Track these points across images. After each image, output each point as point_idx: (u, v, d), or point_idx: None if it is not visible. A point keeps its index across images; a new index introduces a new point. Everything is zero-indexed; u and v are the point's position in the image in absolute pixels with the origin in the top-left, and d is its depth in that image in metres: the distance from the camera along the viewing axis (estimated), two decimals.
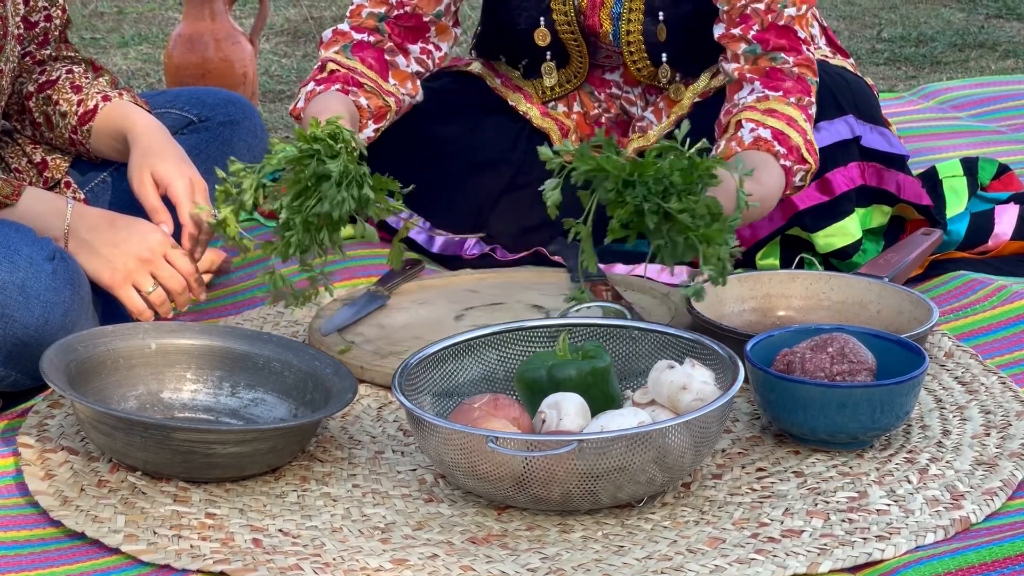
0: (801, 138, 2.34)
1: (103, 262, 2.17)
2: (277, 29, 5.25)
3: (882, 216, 2.60)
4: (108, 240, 2.18)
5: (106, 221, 2.20)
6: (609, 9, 2.57)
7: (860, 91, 2.62)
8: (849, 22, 4.93)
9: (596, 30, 2.60)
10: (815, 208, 2.54)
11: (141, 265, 2.18)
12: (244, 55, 3.71)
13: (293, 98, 4.24)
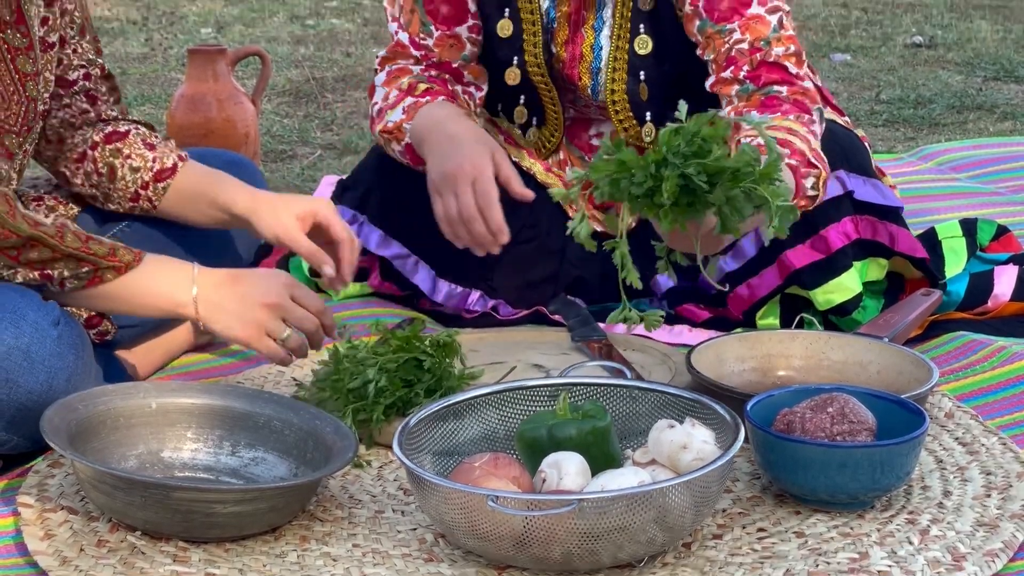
0: (805, 145, 2.30)
1: (234, 319, 2.16)
2: (279, 90, 5.28)
3: (879, 269, 2.60)
4: (233, 295, 2.16)
5: (229, 277, 2.19)
6: (588, 63, 2.58)
7: (849, 144, 2.62)
8: (848, 84, 4.95)
9: (575, 82, 2.61)
10: (812, 266, 2.54)
11: (270, 312, 2.16)
12: (246, 115, 3.73)
13: (295, 158, 4.27)
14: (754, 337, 2.36)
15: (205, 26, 7.43)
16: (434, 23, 2.61)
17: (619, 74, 2.55)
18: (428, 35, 2.62)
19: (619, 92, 2.56)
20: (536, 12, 2.57)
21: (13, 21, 2.20)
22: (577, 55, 2.58)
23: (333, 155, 4.31)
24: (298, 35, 6.87)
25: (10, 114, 2.21)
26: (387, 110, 2.59)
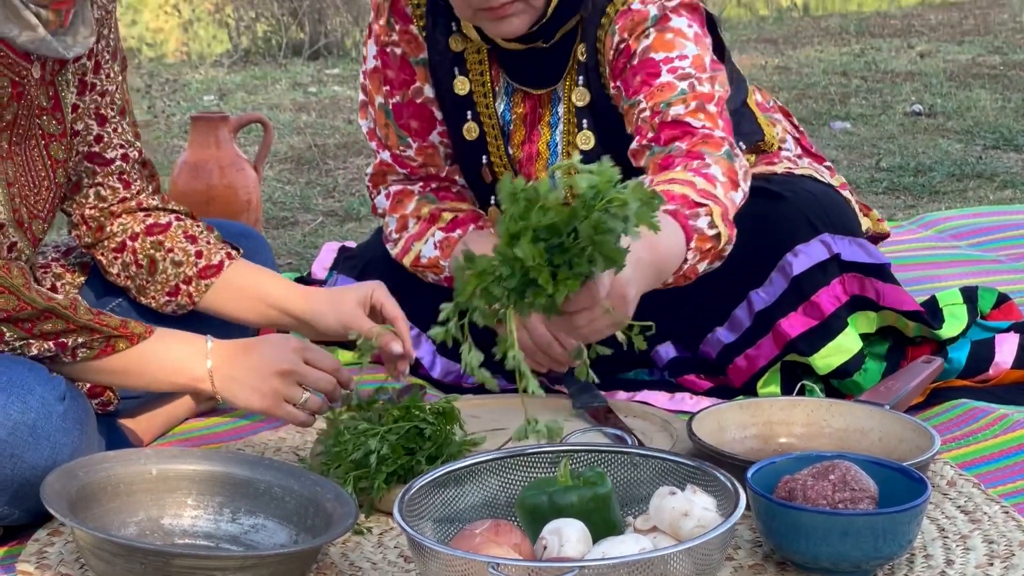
0: (687, 187, 2.19)
1: (250, 391, 2.16)
2: (281, 156, 5.30)
3: (868, 322, 2.59)
4: (247, 367, 2.16)
5: (241, 349, 2.19)
6: (545, 160, 2.59)
7: (830, 203, 2.62)
8: (848, 152, 4.97)
9: (533, 176, 2.61)
10: (807, 332, 2.54)
11: (285, 380, 2.16)
12: (248, 182, 3.74)
13: (297, 224, 4.28)
14: (755, 404, 2.36)
15: (208, 93, 7.47)
16: (409, 136, 2.64)
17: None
18: (407, 147, 2.65)
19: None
20: (494, 116, 2.59)
21: (50, 107, 2.23)
22: (534, 153, 2.59)
23: (335, 222, 4.32)
24: (300, 102, 6.91)
25: (39, 199, 2.24)
26: (413, 242, 2.61)
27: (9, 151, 2.18)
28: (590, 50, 2.47)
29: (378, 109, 2.66)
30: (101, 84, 2.33)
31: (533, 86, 2.55)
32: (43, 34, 2.09)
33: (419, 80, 2.62)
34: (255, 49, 9.86)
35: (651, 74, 2.36)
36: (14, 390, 2.02)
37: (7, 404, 2.01)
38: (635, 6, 2.40)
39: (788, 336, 2.54)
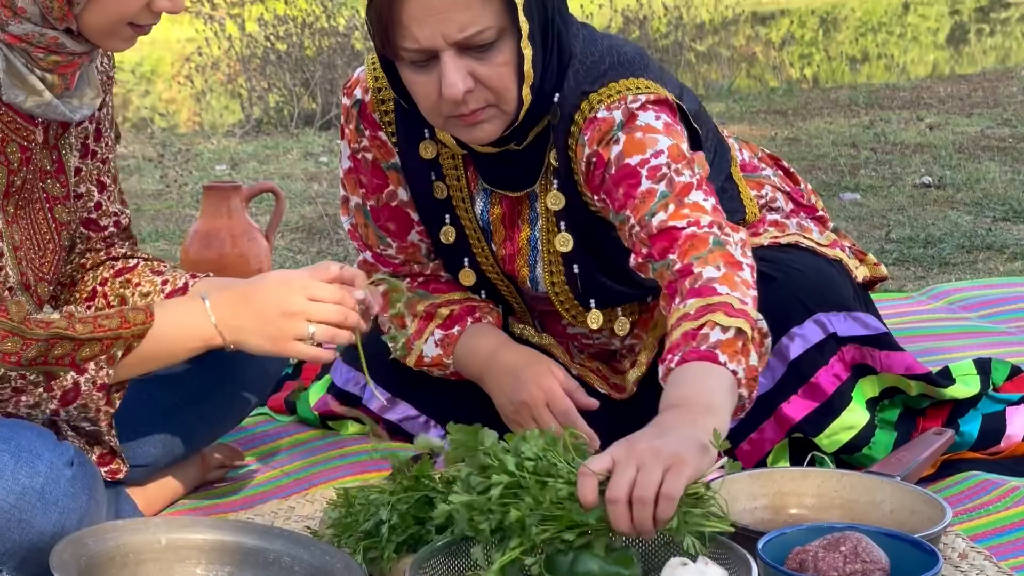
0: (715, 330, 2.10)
1: (259, 337, 2.14)
2: (293, 226, 5.32)
3: (871, 386, 2.58)
4: (251, 314, 2.14)
5: (241, 297, 2.16)
6: (526, 257, 2.58)
7: (821, 279, 2.58)
8: (858, 223, 4.98)
9: (515, 275, 2.61)
10: (811, 415, 2.53)
11: (290, 318, 2.13)
12: (260, 251, 3.76)
13: None
14: (766, 475, 2.35)
15: (220, 163, 7.50)
16: (388, 236, 2.64)
17: (555, 267, 2.55)
18: (387, 246, 2.64)
19: (559, 284, 2.56)
20: (474, 220, 2.57)
21: (54, 171, 2.24)
22: (515, 251, 2.58)
23: None
24: (311, 172, 6.94)
25: (44, 262, 2.24)
26: (414, 341, 2.61)
27: (15, 215, 2.19)
28: (561, 156, 2.43)
29: (355, 209, 2.65)
30: (102, 152, 2.36)
31: (509, 189, 2.53)
32: (49, 98, 2.10)
33: (392, 184, 2.60)
34: (267, 119, 9.92)
35: (631, 184, 2.31)
36: (22, 455, 2.02)
37: (16, 469, 2.01)
38: (601, 114, 2.36)
39: (792, 420, 2.52)
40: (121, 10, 2.04)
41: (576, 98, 2.39)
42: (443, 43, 2.22)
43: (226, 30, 10.76)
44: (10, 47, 2.05)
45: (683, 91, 2.52)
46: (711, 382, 2.03)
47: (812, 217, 2.80)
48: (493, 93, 2.28)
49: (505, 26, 2.25)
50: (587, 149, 2.37)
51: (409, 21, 2.20)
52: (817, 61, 13.94)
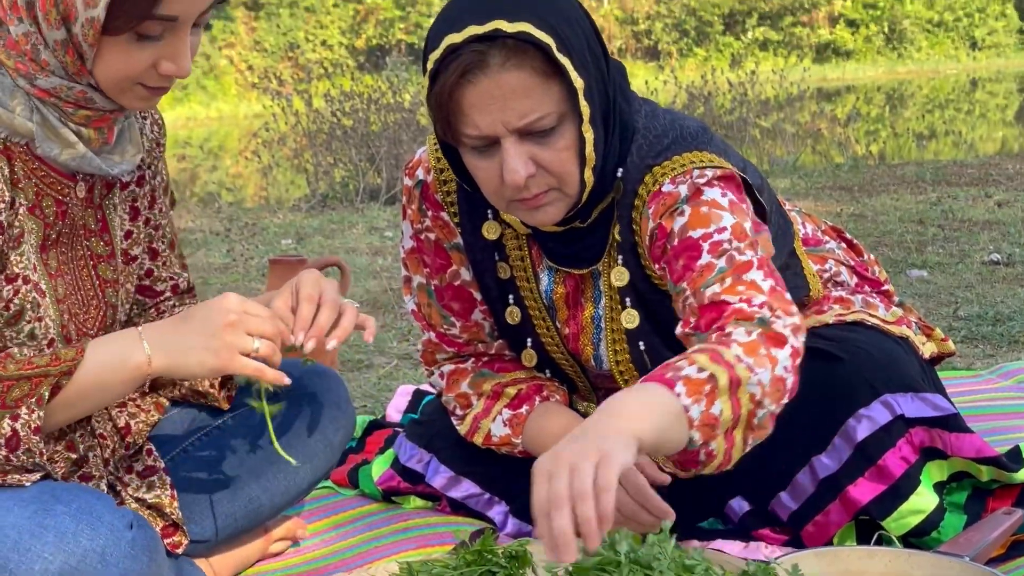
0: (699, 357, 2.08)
1: (201, 352, 2.08)
2: (357, 300, 5.34)
3: (940, 470, 2.55)
4: (191, 332, 2.08)
5: (178, 320, 2.11)
6: (590, 335, 2.56)
7: (888, 359, 2.56)
8: (925, 300, 4.95)
9: (579, 354, 2.60)
10: (878, 497, 2.49)
11: (232, 331, 2.07)
12: None
13: (372, 367, 4.30)
14: (832, 553, 2.32)
15: (285, 237, 7.56)
16: (452, 315, 2.64)
17: (620, 344, 2.54)
18: (451, 326, 2.64)
19: (624, 362, 2.55)
20: (538, 299, 2.57)
21: (98, 230, 2.27)
22: (579, 330, 2.57)
23: (409, 365, 4.33)
24: (376, 246, 6.98)
25: (88, 317, 2.26)
26: (480, 420, 2.60)
27: (59, 269, 2.20)
28: (626, 231, 2.42)
29: (418, 289, 2.65)
30: (155, 218, 2.37)
31: (574, 267, 2.52)
32: (83, 151, 2.11)
33: (455, 264, 2.60)
34: (332, 194, 10.00)
35: (692, 256, 2.29)
36: (83, 517, 2.03)
37: (77, 531, 2.02)
38: (666, 187, 2.35)
39: (859, 503, 2.49)
40: (126, 70, 2.05)
41: (640, 172, 2.39)
42: (504, 130, 2.21)
43: (293, 106, 10.88)
44: (42, 101, 2.08)
45: (747, 165, 2.51)
46: (652, 402, 1.96)
47: (877, 291, 2.78)
48: (555, 177, 2.28)
49: (565, 111, 2.24)
50: (651, 222, 2.36)
51: (470, 109, 2.20)
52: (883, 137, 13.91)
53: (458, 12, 2.20)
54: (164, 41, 2.04)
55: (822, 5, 36.87)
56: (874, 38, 36.65)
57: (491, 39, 2.15)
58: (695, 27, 36.34)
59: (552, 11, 2.21)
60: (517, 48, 2.16)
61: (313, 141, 10.55)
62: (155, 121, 2.36)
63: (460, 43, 2.15)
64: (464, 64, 2.15)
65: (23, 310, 2.12)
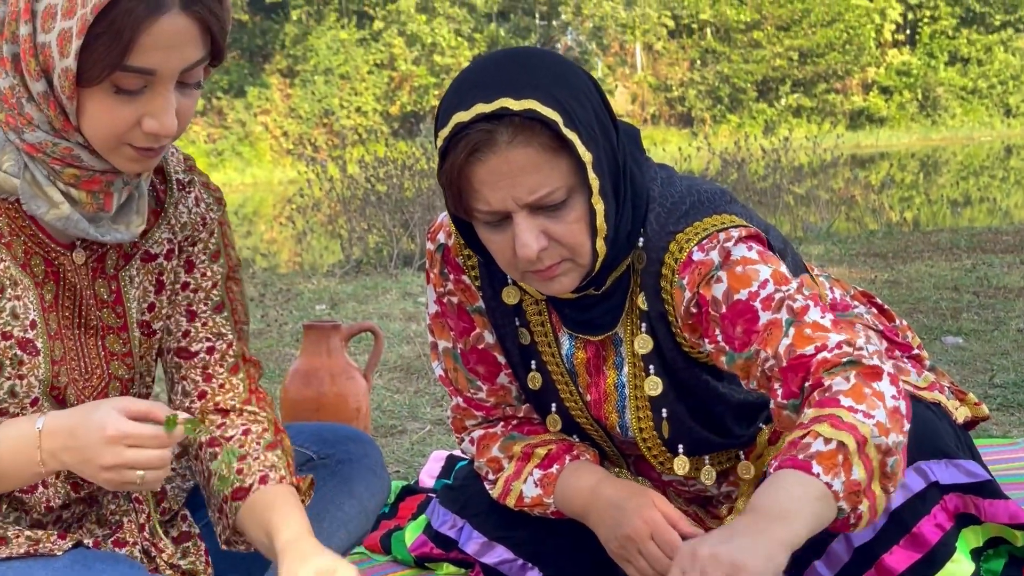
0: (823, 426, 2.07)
1: (91, 476, 2.01)
2: (391, 365, 5.35)
3: (976, 536, 2.52)
4: (79, 458, 2.00)
5: (71, 435, 2.01)
6: (613, 402, 2.56)
7: (921, 426, 2.52)
8: (960, 367, 4.92)
9: (603, 421, 2.59)
10: (914, 566, 2.47)
11: (114, 470, 1.99)
12: (358, 390, 3.77)
13: (405, 433, 4.30)
14: None
15: (320, 302, 7.59)
16: (478, 379, 2.64)
17: (643, 412, 2.53)
18: (478, 389, 2.64)
19: (647, 430, 2.54)
20: (560, 364, 2.57)
21: (111, 301, 2.22)
22: (601, 396, 2.57)
23: (442, 430, 4.33)
24: (410, 312, 6.99)
25: (88, 386, 2.21)
26: (512, 482, 2.60)
27: (59, 332, 2.16)
28: (653, 300, 2.41)
29: (444, 354, 2.65)
30: (195, 282, 2.32)
31: (590, 333, 2.52)
32: (67, 212, 2.05)
33: (479, 327, 2.60)
34: (367, 260, 10.04)
35: (750, 320, 2.27)
36: None
37: None
38: (696, 256, 2.33)
39: (894, 571, 2.47)
40: (111, 127, 1.99)
41: (662, 240, 2.39)
42: (514, 205, 2.21)
43: (328, 172, 10.94)
44: (31, 157, 2.03)
45: (769, 229, 2.51)
46: (795, 491, 1.97)
47: (908, 356, 2.77)
48: (567, 249, 2.27)
49: (574, 183, 2.24)
50: (687, 292, 2.36)
51: (480, 185, 2.20)
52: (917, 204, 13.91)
53: (467, 89, 2.21)
54: (145, 97, 1.97)
55: (856, 72, 36.99)
56: (908, 105, 36.71)
57: (499, 117, 2.16)
58: (729, 94, 36.48)
59: (559, 85, 2.22)
60: (524, 125, 2.16)
61: (347, 207, 10.60)
62: (202, 199, 2.30)
63: (468, 121, 2.16)
64: (473, 143, 2.16)
65: (1, 365, 2.08)
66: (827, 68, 36.55)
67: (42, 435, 2.02)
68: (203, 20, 1.95)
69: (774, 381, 2.23)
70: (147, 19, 1.90)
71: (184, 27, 1.93)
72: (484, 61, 2.25)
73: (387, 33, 35.25)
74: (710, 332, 2.33)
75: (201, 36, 1.96)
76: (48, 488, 2.19)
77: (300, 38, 34.93)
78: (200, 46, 1.97)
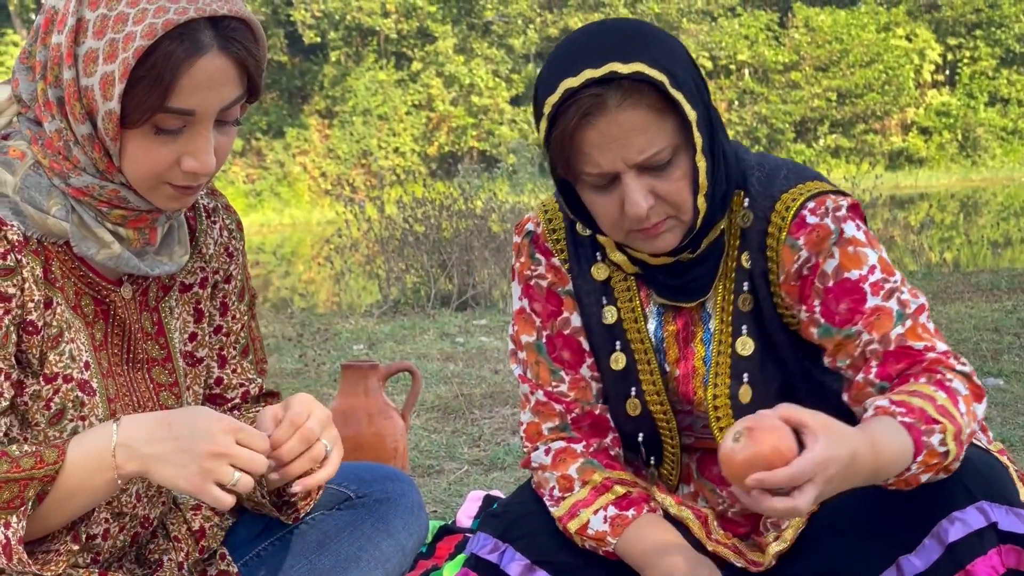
0: (927, 402, 2.23)
1: (176, 469, 1.98)
2: (428, 405, 5.34)
3: None
4: (171, 443, 1.99)
5: (161, 423, 2.01)
6: (701, 376, 2.57)
7: (990, 472, 2.54)
8: (1001, 409, 4.89)
9: (689, 399, 2.59)
10: None
11: (216, 460, 1.97)
12: (396, 430, 3.77)
13: (442, 473, 4.29)
14: None
15: (357, 342, 7.60)
16: (563, 369, 2.65)
17: (721, 378, 2.55)
18: (560, 381, 2.64)
19: (721, 397, 2.55)
20: (646, 340, 2.59)
21: (154, 333, 2.24)
22: (690, 370, 2.58)
23: (480, 471, 4.32)
24: (448, 352, 7.00)
25: None
26: (581, 508, 2.59)
27: (110, 369, 2.18)
28: (757, 258, 2.48)
29: (527, 348, 2.67)
30: (227, 326, 2.35)
31: (682, 299, 2.55)
32: (119, 251, 2.07)
33: (566, 310, 2.64)
34: (404, 300, 10.06)
35: (857, 299, 2.38)
36: None
37: None
38: (810, 219, 2.42)
39: None
40: (151, 167, 2.01)
41: (767, 200, 2.47)
42: (624, 166, 2.30)
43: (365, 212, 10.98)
44: (78, 201, 2.05)
45: None
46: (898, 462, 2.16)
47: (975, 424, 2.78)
48: (672, 206, 2.36)
49: (679, 143, 2.33)
50: (804, 252, 2.43)
51: (590, 148, 2.29)
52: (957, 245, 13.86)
53: (571, 58, 2.30)
54: (185, 136, 1.99)
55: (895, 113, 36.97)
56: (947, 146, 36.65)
57: (607, 81, 2.25)
58: (767, 135, 36.50)
59: (659, 49, 2.32)
60: (632, 88, 2.26)
61: (385, 247, 10.63)
62: (225, 226, 2.34)
63: (578, 87, 2.25)
64: (584, 107, 2.25)
65: (64, 409, 2.09)
66: (866, 109, 36.55)
67: (119, 428, 2.00)
68: (240, 59, 1.97)
69: (873, 360, 2.34)
70: (187, 61, 1.92)
71: (222, 67, 1.95)
72: (581, 34, 2.34)
73: (425, 74, 35.44)
74: (810, 302, 2.42)
75: (238, 75, 1.98)
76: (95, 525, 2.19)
77: (339, 79, 35.15)
78: (237, 85, 1.99)
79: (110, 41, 1.93)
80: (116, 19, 1.93)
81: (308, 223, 28.78)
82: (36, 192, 2.03)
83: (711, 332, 2.55)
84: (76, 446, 2.01)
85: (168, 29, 1.91)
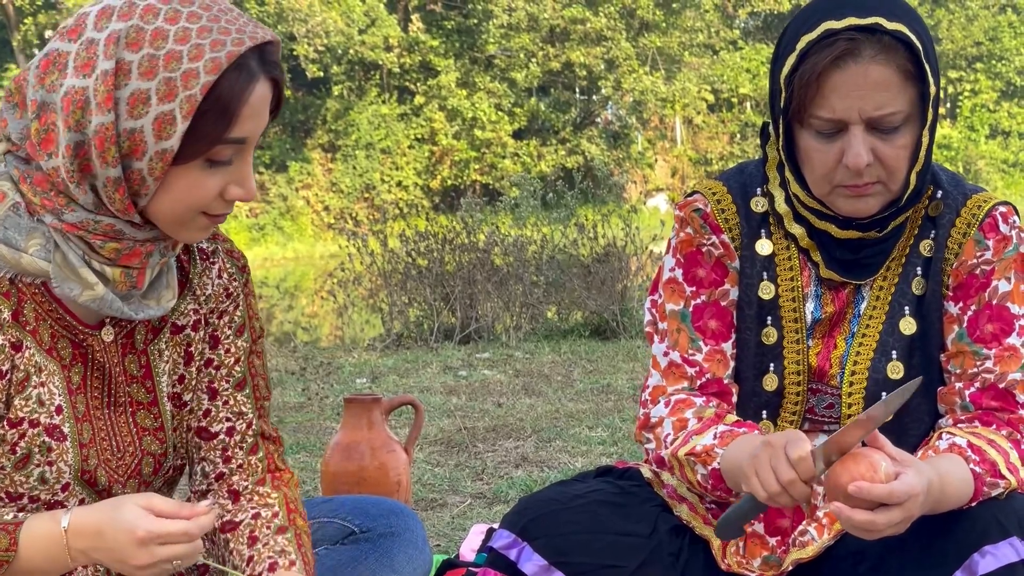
0: (1001, 457, 2.33)
1: (123, 567, 2.01)
2: (431, 439, 5.35)
3: None
4: (108, 557, 2.01)
5: (96, 536, 2.02)
6: (840, 353, 2.60)
7: (1020, 504, 2.57)
8: None
9: (824, 373, 2.60)
10: None
11: (148, 569, 2.00)
12: (399, 463, 3.77)
13: (445, 506, 4.29)
14: None
15: (360, 376, 7.60)
16: (703, 338, 2.66)
17: (863, 356, 2.56)
18: (697, 350, 2.66)
19: (859, 374, 2.57)
20: (800, 319, 2.61)
21: (140, 376, 2.20)
22: (832, 346, 2.60)
23: (483, 504, 4.32)
24: (451, 385, 7.00)
25: (121, 464, 2.18)
26: (693, 436, 2.60)
27: (87, 413, 2.14)
28: (940, 246, 2.55)
29: (671, 316, 2.68)
30: (219, 359, 2.30)
31: (854, 275, 2.58)
32: (102, 292, 2.03)
33: (728, 283, 2.66)
34: (407, 333, 10.06)
35: (1004, 331, 2.47)
36: None
37: None
38: (1002, 227, 2.51)
39: None
40: (192, 199, 1.99)
41: (958, 197, 2.54)
42: (857, 117, 2.36)
43: (368, 246, 10.99)
44: (67, 237, 2.01)
45: None
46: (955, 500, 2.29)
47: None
48: (886, 171, 2.41)
49: (912, 112, 2.38)
50: (988, 252, 2.50)
51: (831, 92, 2.35)
52: None
53: (837, 4, 2.37)
54: (233, 165, 1.99)
55: None
56: None
57: (868, 32, 2.31)
58: None
59: (919, 23, 2.39)
60: (889, 44, 2.32)
61: (388, 281, 10.64)
62: (225, 268, 2.29)
63: (839, 30, 2.32)
64: (840, 49, 2.31)
65: (31, 454, 2.07)
66: None
67: (68, 535, 2.02)
68: (277, 81, 1.98)
69: (977, 382, 2.45)
70: (246, 90, 1.93)
71: (267, 93, 1.97)
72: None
73: (428, 108, 35.49)
74: (966, 304, 2.51)
75: (272, 97, 1.99)
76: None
77: (342, 113, 35.21)
78: (269, 107, 2.00)
79: (165, 80, 1.90)
80: (167, 57, 1.91)
81: (311, 257, 28.78)
82: (14, 231, 2.00)
83: (860, 312, 2.59)
84: (28, 540, 2.02)
85: (231, 61, 1.91)
